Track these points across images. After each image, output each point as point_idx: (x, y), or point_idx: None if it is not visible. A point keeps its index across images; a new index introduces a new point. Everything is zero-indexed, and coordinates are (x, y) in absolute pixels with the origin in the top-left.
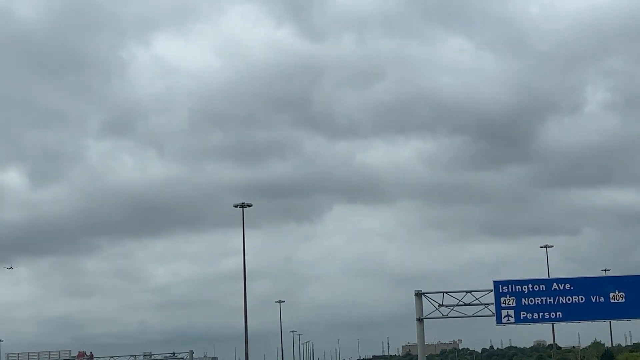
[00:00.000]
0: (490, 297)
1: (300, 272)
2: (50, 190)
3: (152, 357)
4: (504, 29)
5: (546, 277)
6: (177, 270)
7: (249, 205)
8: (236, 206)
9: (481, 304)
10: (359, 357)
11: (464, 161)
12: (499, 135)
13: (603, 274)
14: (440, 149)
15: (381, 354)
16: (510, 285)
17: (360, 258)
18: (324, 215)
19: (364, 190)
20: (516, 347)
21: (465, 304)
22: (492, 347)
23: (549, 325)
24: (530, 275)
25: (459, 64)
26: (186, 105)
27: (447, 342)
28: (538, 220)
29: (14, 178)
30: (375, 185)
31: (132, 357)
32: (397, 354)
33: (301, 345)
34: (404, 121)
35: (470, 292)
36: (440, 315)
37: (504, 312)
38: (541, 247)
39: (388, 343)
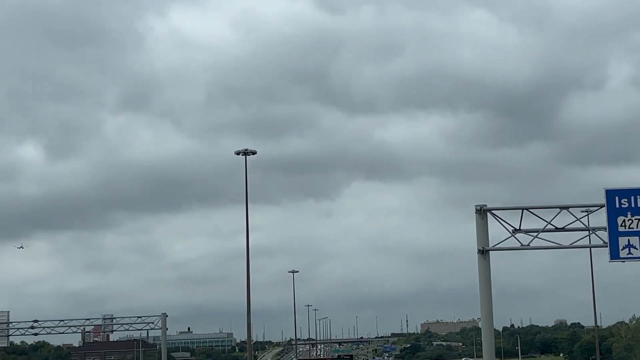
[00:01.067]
0: (601, 218)
1: (318, 249)
2: (67, 164)
3: (114, 320)
4: (527, 2)
5: None
6: (195, 247)
7: (253, 153)
8: (238, 153)
9: (584, 229)
10: (377, 334)
11: (485, 138)
12: (521, 111)
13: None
14: (460, 125)
15: (400, 331)
16: (635, 198)
17: (379, 235)
18: (342, 191)
19: (383, 166)
20: (538, 325)
21: (557, 229)
22: (512, 325)
23: (569, 301)
24: None
25: (481, 38)
26: (203, 78)
27: (467, 320)
28: (559, 198)
29: (30, 152)
30: (394, 162)
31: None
32: (415, 332)
33: (318, 322)
34: (423, 96)
35: (565, 208)
36: (518, 245)
37: (622, 241)
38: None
39: (407, 321)
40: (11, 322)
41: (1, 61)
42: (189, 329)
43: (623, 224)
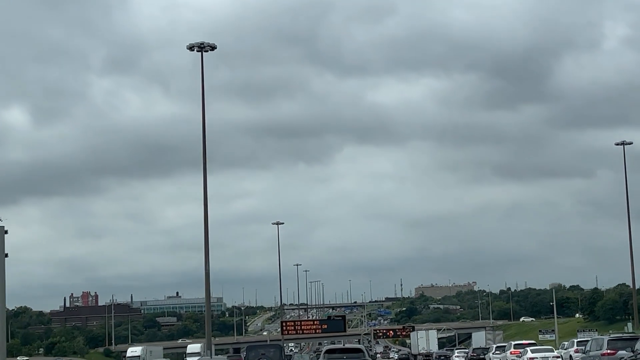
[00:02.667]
0: None
1: (311, 215)
2: (55, 128)
3: None
4: None
5: None
6: (186, 213)
7: (212, 48)
8: (191, 48)
9: None
10: (371, 299)
11: (478, 100)
12: (514, 72)
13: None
14: (453, 87)
15: (394, 296)
16: None
17: (372, 200)
18: (334, 156)
19: (375, 130)
20: (535, 288)
21: None
22: (509, 288)
23: (563, 265)
24: None
25: None
26: (190, 40)
27: (462, 283)
28: (552, 162)
29: (16, 116)
30: (386, 126)
31: None
32: (410, 296)
33: (309, 284)
34: (416, 58)
35: None
36: None
37: None
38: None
39: (401, 285)
40: None
41: None
42: (177, 293)
43: None
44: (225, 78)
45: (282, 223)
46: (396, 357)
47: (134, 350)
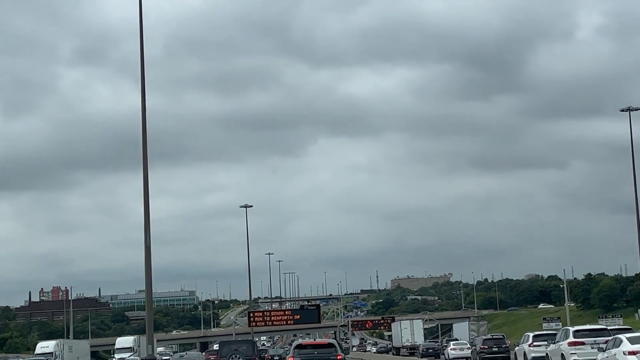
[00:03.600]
0: None
1: (286, 208)
2: (24, 122)
3: None
4: None
5: None
6: (160, 207)
7: None
8: None
9: None
10: (347, 291)
11: (453, 91)
12: (489, 62)
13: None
14: (428, 77)
15: (369, 288)
16: None
17: (347, 193)
18: (308, 148)
19: (349, 122)
20: (511, 279)
21: None
22: (485, 279)
23: (539, 257)
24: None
25: None
26: (161, 30)
27: (438, 275)
28: (527, 153)
29: None
30: (360, 117)
31: None
32: (386, 288)
33: (283, 276)
34: (389, 48)
35: None
36: None
37: None
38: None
39: (377, 277)
40: None
41: None
42: None
43: None
44: (196, 69)
45: (251, 206)
46: (374, 351)
47: (45, 346)
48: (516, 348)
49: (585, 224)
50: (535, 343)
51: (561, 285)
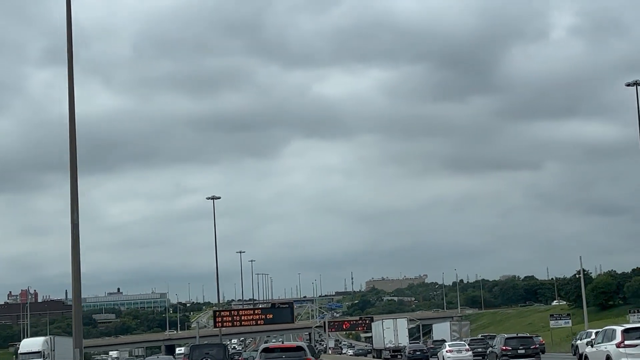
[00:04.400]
0: None
1: (259, 210)
2: None
3: None
4: None
5: None
6: (132, 210)
7: None
8: None
9: None
10: (321, 293)
11: (427, 92)
12: (463, 63)
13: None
14: (402, 78)
15: (344, 290)
16: None
17: (321, 195)
18: (281, 150)
19: (323, 123)
20: (488, 280)
21: None
22: (462, 280)
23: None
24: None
25: None
26: (131, 30)
27: (413, 276)
28: (501, 155)
29: None
30: (334, 118)
31: None
32: (360, 290)
33: (257, 277)
34: (363, 48)
35: None
36: None
37: None
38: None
39: (352, 279)
40: None
41: None
42: (118, 289)
43: None
44: (167, 69)
45: (219, 198)
46: (350, 353)
47: (30, 344)
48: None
49: (558, 225)
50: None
51: (543, 284)
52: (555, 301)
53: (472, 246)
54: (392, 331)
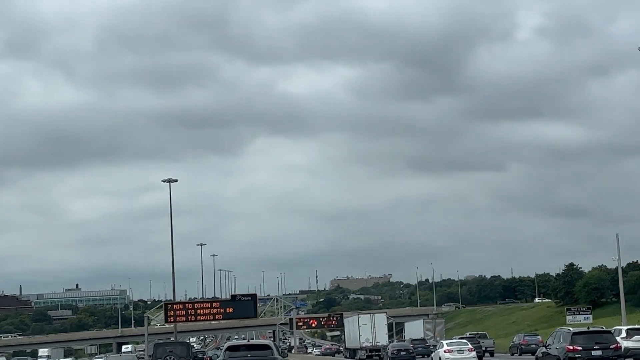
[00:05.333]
0: None
1: (223, 209)
2: None
3: None
4: None
5: None
6: (93, 206)
7: None
8: None
9: None
10: (285, 292)
11: (393, 91)
12: (429, 62)
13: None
14: (368, 76)
15: (308, 289)
16: None
17: (285, 194)
18: (246, 148)
19: (288, 121)
20: (453, 279)
21: None
22: (427, 280)
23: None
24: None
25: None
26: (94, 23)
27: (378, 275)
28: (466, 155)
29: None
30: (299, 116)
31: None
32: (325, 289)
33: (219, 273)
34: (329, 46)
35: None
36: None
37: None
38: None
39: (317, 277)
40: None
41: None
42: (77, 286)
43: None
44: (131, 64)
45: (176, 180)
46: (316, 353)
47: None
48: None
49: (522, 227)
50: None
51: (522, 281)
52: (537, 299)
53: (435, 246)
54: (369, 328)
